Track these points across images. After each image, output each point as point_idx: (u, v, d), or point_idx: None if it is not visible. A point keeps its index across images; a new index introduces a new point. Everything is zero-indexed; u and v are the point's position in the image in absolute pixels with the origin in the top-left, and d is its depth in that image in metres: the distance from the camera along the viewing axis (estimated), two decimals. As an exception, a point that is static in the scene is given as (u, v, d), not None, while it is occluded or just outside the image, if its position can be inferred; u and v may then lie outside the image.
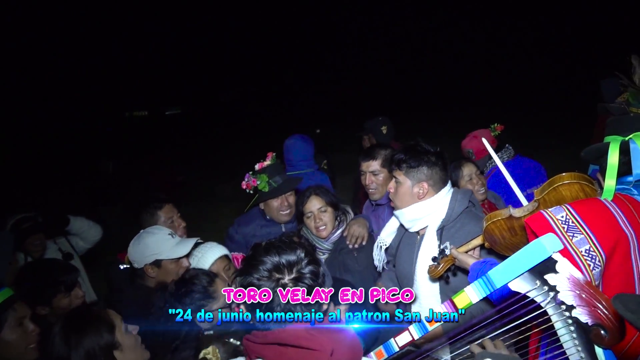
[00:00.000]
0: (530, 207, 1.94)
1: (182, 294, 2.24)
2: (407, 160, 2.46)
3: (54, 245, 3.93)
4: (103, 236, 4.24)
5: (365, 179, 3.33)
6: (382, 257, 2.84)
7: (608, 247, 1.70)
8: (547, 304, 1.38)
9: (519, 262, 1.38)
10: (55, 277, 2.72)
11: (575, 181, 1.87)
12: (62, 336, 1.84)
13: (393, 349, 1.60)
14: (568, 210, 1.76)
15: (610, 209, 1.78)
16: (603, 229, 1.73)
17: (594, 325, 1.30)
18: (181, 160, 15.27)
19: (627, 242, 1.74)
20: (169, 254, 2.63)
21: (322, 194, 3.07)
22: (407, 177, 2.48)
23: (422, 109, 19.91)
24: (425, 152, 2.49)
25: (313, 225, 3.06)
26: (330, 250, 3.11)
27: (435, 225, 2.49)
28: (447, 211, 2.50)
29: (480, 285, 1.42)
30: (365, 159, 3.35)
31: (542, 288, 1.38)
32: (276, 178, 3.27)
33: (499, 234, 2.01)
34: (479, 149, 4.00)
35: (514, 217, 1.94)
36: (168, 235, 2.72)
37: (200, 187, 10.85)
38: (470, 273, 1.98)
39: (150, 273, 2.67)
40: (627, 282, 1.74)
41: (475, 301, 1.45)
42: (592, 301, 1.30)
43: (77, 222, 4.01)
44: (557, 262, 1.35)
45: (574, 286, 1.32)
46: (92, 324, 1.87)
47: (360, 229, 3.07)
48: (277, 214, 3.31)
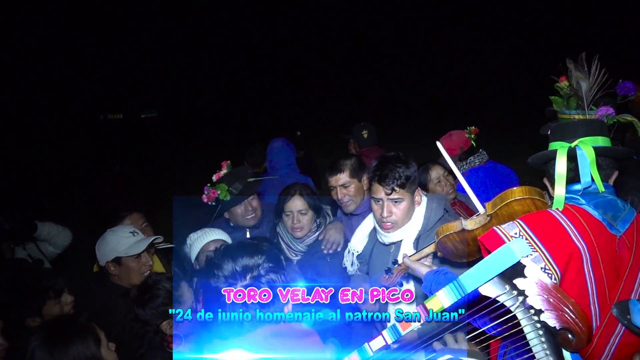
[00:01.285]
0: (482, 219, 1.96)
1: (146, 300, 2.22)
2: (408, 177, 2.44)
3: (22, 252, 3.82)
4: (72, 241, 4.15)
5: (337, 194, 3.19)
6: (354, 263, 2.84)
7: (562, 263, 1.70)
8: (517, 308, 1.40)
9: (489, 267, 1.39)
10: (41, 284, 2.62)
11: (527, 197, 1.88)
12: (45, 347, 1.77)
13: (367, 353, 1.60)
14: (521, 226, 1.76)
15: (561, 222, 1.77)
16: (556, 245, 1.72)
17: (562, 329, 1.32)
18: (158, 163, 15.06)
19: (580, 256, 1.73)
20: (127, 251, 2.71)
21: (306, 196, 3.05)
22: (408, 191, 2.46)
23: (405, 114, 20.07)
24: (409, 162, 2.50)
25: (290, 224, 3.05)
26: (304, 252, 3.10)
27: (412, 237, 2.50)
28: (423, 221, 2.51)
29: (451, 289, 1.44)
30: (332, 173, 3.21)
31: (511, 292, 1.40)
32: (235, 185, 3.24)
33: (451, 246, 2.04)
34: (450, 148, 4.01)
35: (466, 229, 1.97)
36: (129, 233, 2.80)
37: (177, 191, 10.66)
38: (424, 283, 2.00)
39: (112, 270, 2.74)
40: (582, 296, 1.74)
41: (447, 305, 1.47)
42: (559, 305, 1.33)
43: (46, 228, 3.89)
44: (525, 266, 1.37)
45: (542, 290, 1.35)
46: (80, 335, 1.82)
47: (336, 234, 3.06)
48: (243, 220, 3.28)
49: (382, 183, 2.41)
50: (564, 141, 1.93)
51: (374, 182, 2.47)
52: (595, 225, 1.79)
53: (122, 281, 2.77)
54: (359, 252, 2.82)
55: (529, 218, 1.80)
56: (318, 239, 3.10)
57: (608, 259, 1.78)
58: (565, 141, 1.92)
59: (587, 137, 1.90)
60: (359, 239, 2.83)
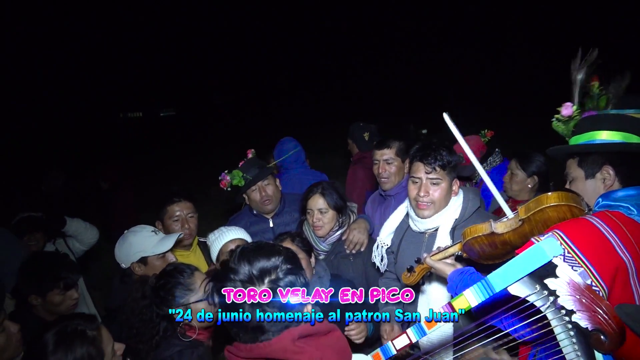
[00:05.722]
0: (513, 223, 1.87)
1: (161, 286, 2.22)
2: (450, 161, 2.46)
3: (51, 246, 3.99)
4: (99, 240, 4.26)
5: (379, 168, 3.39)
6: (384, 257, 2.80)
7: (609, 279, 1.60)
8: (547, 308, 1.38)
9: (519, 267, 1.37)
10: (57, 272, 2.71)
11: (563, 203, 1.76)
12: (56, 340, 1.79)
13: (390, 351, 1.58)
14: (562, 239, 1.62)
15: (604, 233, 1.65)
16: (602, 259, 1.61)
17: (594, 330, 1.29)
18: (175, 161, 15.22)
19: (626, 269, 1.63)
20: (153, 250, 2.70)
21: (328, 195, 3.03)
22: (448, 176, 2.47)
23: (412, 114, 19.92)
24: (453, 151, 2.52)
25: (311, 221, 3.04)
26: (327, 252, 3.08)
27: (449, 226, 2.47)
28: (460, 211, 2.49)
29: (479, 288, 1.41)
30: (380, 147, 3.43)
31: (541, 292, 1.38)
32: (251, 171, 3.34)
33: (478, 248, 1.98)
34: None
35: (496, 233, 1.89)
36: (151, 232, 2.80)
37: (194, 189, 10.77)
38: (449, 283, 1.96)
39: (137, 271, 2.72)
40: None
41: (474, 305, 1.44)
42: (592, 306, 1.29)
43: (74, 224, 4.05)
44: (557, 266, 1.34)
45: (574, 291, 1.31)
46: (87, 338, 1.83)
47: (360, 234, 3.01)
48: (261, 206, 3.38)
49: (425, 160, 2.44)
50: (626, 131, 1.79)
51: (416, 160, 2.49)
52: (639, 233, 1.69)
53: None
54: (389, 246, 2.76)
55: (569, 228, 1.66)
56: (341, 239, 3.07)
57: None
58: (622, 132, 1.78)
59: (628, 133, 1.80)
60: (387, 232, 2.77)
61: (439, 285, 2.48)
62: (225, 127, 22.79)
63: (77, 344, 1.78)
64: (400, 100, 22.35)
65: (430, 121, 5.58)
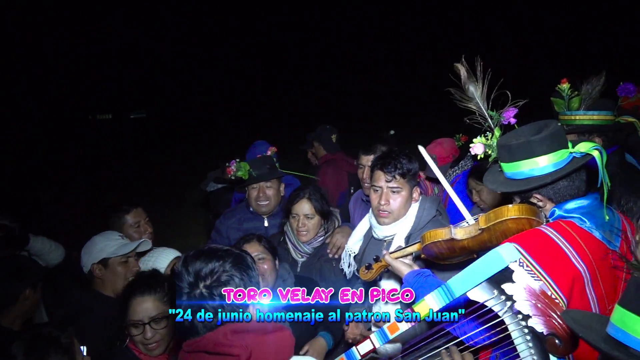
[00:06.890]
0: (473, 231, 1.90)
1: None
2: (410, 170, 2.49)
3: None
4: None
5: (364, 172, 3.38)
6: (351, 264, 2.84)
7: (566, 290, 1.63)
8: (505, 313, 1.41)
9: (478, 272, 1.40)
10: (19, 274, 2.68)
11: (523, 216, 1.79)
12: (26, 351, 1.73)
13: (355, 357, 1.59)
14: (520, 252, 1.61)
15: (559, 244, 1.69)
16: (559, 271, 1.64)
17: (549, 335, 1.33)
18: (148, 164, 14.92)
19: (582, 278, 1.67)
20: (115, 251, 2.68)
21: (314, 200, 3.04)
22: (408, 184, 2.51)
23: (379, 118, 20.03)
24: (413, 158, 2.55)
25: (295, 226, 3.05)
26: (309, 255, 3.10)
27: (404, 233, 2.51)
28: (414, 220, 2.53)
29: (440, 294, 1.44)
30: (366, 152, 3.44)
31: (499, 297, 1.41)
32: (260, 168, 3.40)
33: (437, 251, 2.01)
34: (442, 156, 4.07)
35: (455, 239, 1.93)
36: (117, 236, 2.80)
37: (168, 192, 10.70)
38: (404, 283, 1.99)
39: (97, 273, 2.69)
40: None
41: (435, 309, 1.47)
42: (547, 311, 1.33)
43: (38, 243, 3.63)
44: (513, 271, 1.38)
45: (530, 296, 1.35)
46: (61, 345, 1.77)
47: (343, 239, 3.03)
48: (256, 205, 3.41)
49: (385, 169, 2.47)
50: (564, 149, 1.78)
51: (376, 169, 2.53)
52: (592, 242, 1.73)
53: (105, 287, 2.69)
54: (355, 253, 2.81)
55: (526, 241, 1.68)
56: (325, 243, 3.09)
57: (606, 275, 1.73)
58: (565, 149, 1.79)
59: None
60: (355, 240, 2.82)
61: (394, 283, 2.51)
62: (201, 130, 22.51)
63: (51, 352, 1.72)
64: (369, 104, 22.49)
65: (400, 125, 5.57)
